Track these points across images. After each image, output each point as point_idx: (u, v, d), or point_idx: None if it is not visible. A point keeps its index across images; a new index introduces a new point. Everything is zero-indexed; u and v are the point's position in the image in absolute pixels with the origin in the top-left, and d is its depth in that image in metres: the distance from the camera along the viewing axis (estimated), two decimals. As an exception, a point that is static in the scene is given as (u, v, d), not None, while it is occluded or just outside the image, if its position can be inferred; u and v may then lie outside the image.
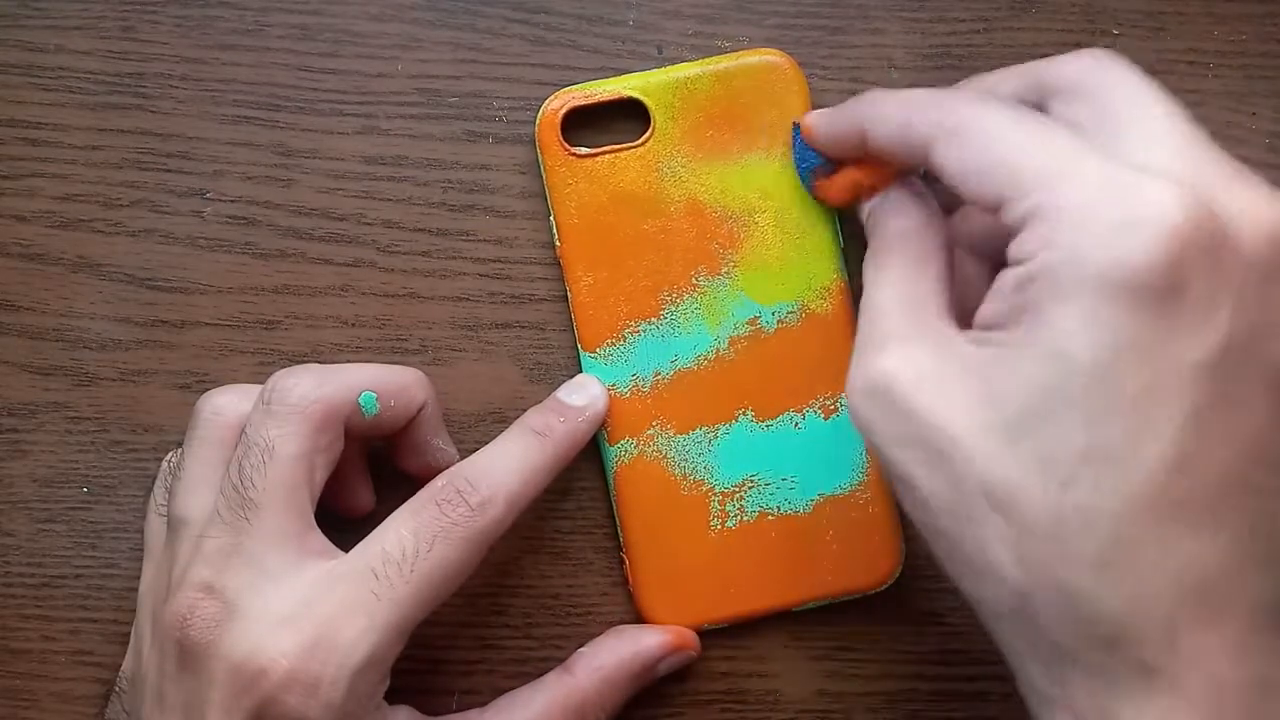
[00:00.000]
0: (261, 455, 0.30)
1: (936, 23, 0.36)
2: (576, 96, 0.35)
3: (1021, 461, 0.25)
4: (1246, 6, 0.36)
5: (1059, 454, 0.24)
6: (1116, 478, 0.24)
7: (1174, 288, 0.23)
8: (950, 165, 0.27)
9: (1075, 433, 0.24)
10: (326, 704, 0.28)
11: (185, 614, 0.29)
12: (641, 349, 0.34)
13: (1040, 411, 0.24)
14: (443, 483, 0.31)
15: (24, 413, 0.35)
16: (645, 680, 0.34)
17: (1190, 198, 0.24)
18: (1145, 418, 0.24)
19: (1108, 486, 0.24)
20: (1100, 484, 0.24)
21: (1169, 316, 0.24)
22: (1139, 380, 0.24)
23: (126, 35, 0.36)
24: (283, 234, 0.36)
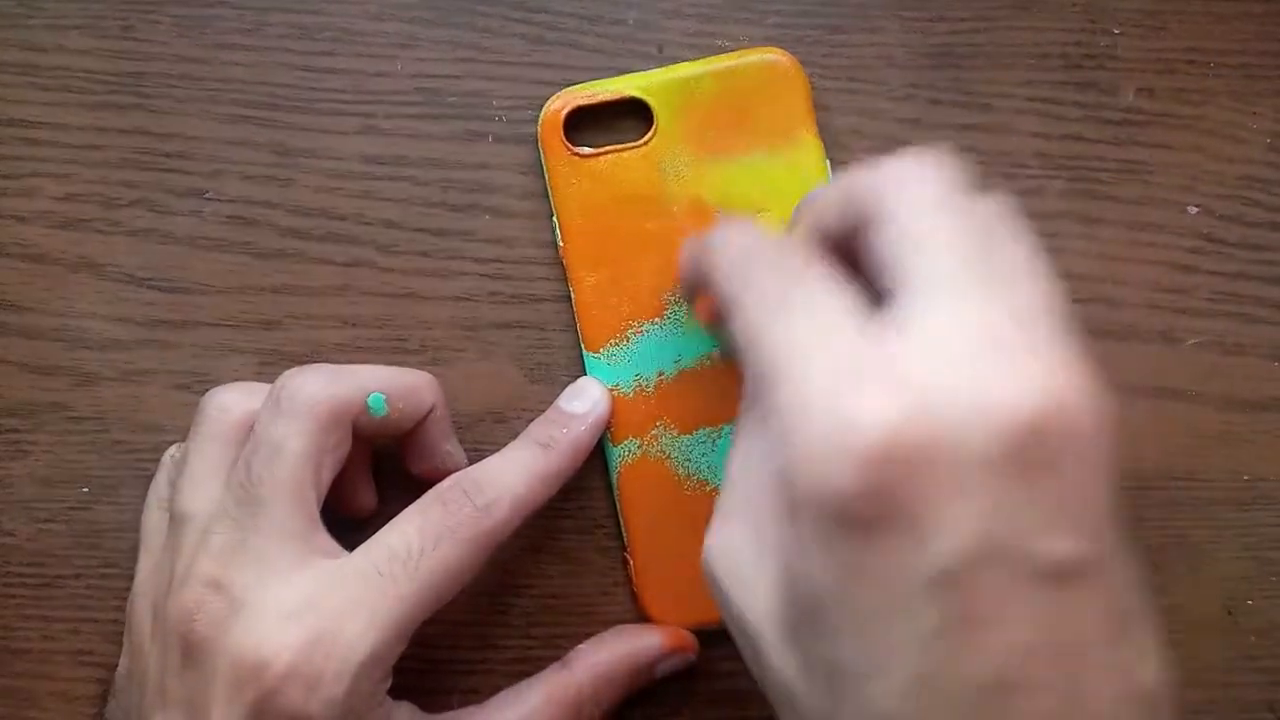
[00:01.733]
0: (270, 453, 0.30)
1: (937, 21, 0.36)
2: (579, 96, 0.35)
3: (798, 666, 0.24)
4: (1247, 6, 0.36)
5: (821, 666, 0.23)
6: (868, 697, 0.22)
7: (877, 513, 0.22)
8: (733, 332, 0.25)
9: (827, 649, 0.23)
10: (328, 700, 0.28)
11: (191, 609, 0.29)
12: (645, 349, 0.34)
13: (802, 622, 0.23)
14: (449, 484, 0.31)
15: (24, 413, 0.35)
16: (643, 680, 0.34)
17: (900, 412, 0.22)
18: (883, 639, 0.22)
19: (862, 705, 0.22)
20: (856, 701, 0.23)
21: (887, 538, 0.22)
22: (872, 602, 0.22)
23: (126, 35, 0.36)
24: (282, 234, 0.36)
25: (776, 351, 0.24)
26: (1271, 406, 0.36)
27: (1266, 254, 0.36)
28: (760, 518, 0.25)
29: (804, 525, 0.23)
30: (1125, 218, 0.36)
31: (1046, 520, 0.22)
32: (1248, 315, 0.36)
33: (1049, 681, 0.22)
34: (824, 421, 0.22)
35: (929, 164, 0.25)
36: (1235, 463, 0.36)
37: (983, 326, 0.23)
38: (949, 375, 0.22)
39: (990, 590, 0.22)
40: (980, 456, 0.22)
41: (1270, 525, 0.36)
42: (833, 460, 0.22)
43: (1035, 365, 0.22)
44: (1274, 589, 0.35)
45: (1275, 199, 0.36)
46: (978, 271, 0.23)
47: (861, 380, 0.22)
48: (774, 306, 0.24)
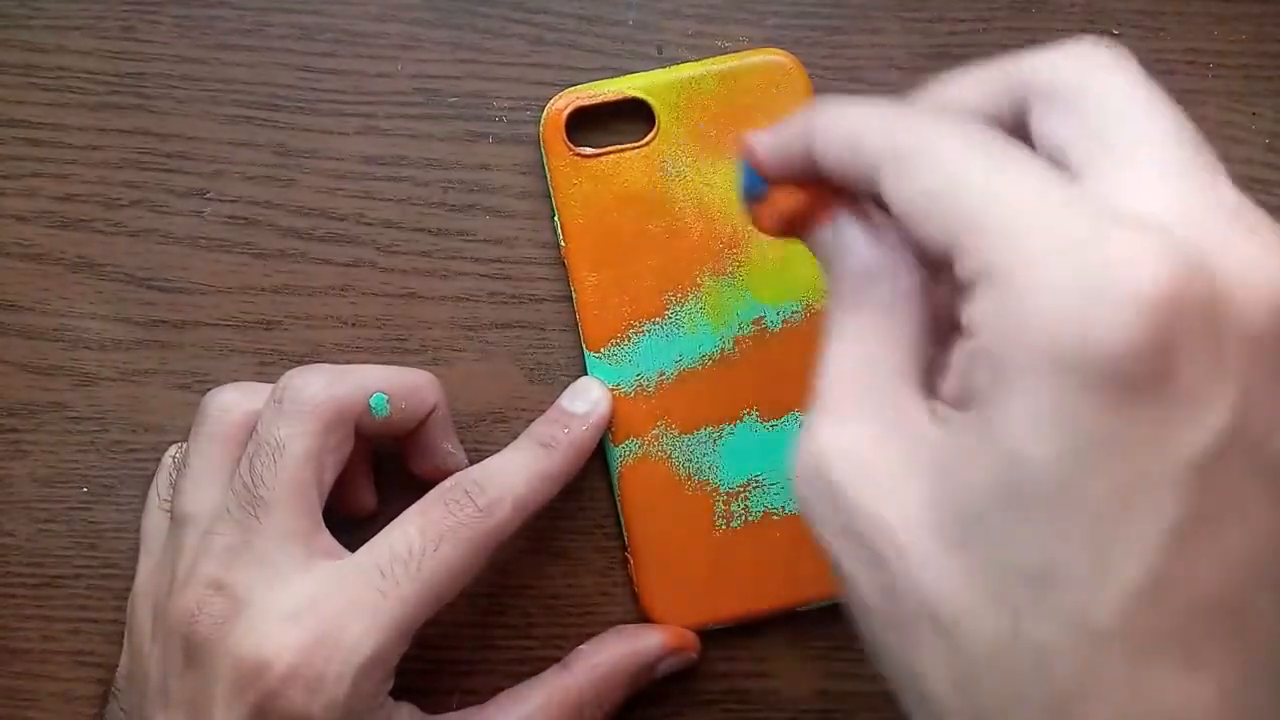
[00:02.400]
0: (272, 454, 0.30)
1: (937, 22, 0.36)
2: (581, 96, 0.35)
3: (969, 579, 0.20)
4: (1246, 6, 0.36)
5: (1012, 573, 0.20)
6: (1077, 607, 0.19)
7: (1154, 373, 0.19)
8: (896, 198, 0.22)
9: (1031, 550, 0.20)
10: (330, 701, 0.28)
11: (193, 610, 0.29)
12: (646, 349, 0.34)
13: (991, 521, 0.20)
14: (451, 484, 0.31)
15: (24, 413, 0.35)
16: (644, 680, 0.34)
17: (1178, 257, 0.19)
18: (1114, 534, 0.19)
19: (1066, 617, 0.19)
20: (1058, 613, 0.19)
21: (1148, 409, 0.19)
22: (1108, 488, 0.19)
23: (126, 35, 0.36)
24: (283, 234, 0.36)
25: (987, 205, 0.20)
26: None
27: (1266, 254, 0.36)
28: (889, 410, 0.22)
29: (1041, 389, 0.19)
30: (1125, 218, 0.36)
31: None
32: (1247, 315, 0.36)
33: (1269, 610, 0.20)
34: (1084, 268, 0.19)
35: (1120, 50, 0.23)
36: (1235, 463, 0.35)
37: (1221, 205, 0.21)
38: (1210, 237, 0.20)
39: (1236, 487, 0.19)
40: (1252, 328, 0.19)
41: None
42: (1104, 310, 0.19)
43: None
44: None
45: (1275, 199, 0.36)
46: (1204, 152, 0.21)
47: (1118, 226, 0.19)
48: (964, 161, 0.21)
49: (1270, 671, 0.20)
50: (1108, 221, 0.19)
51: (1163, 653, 0.19)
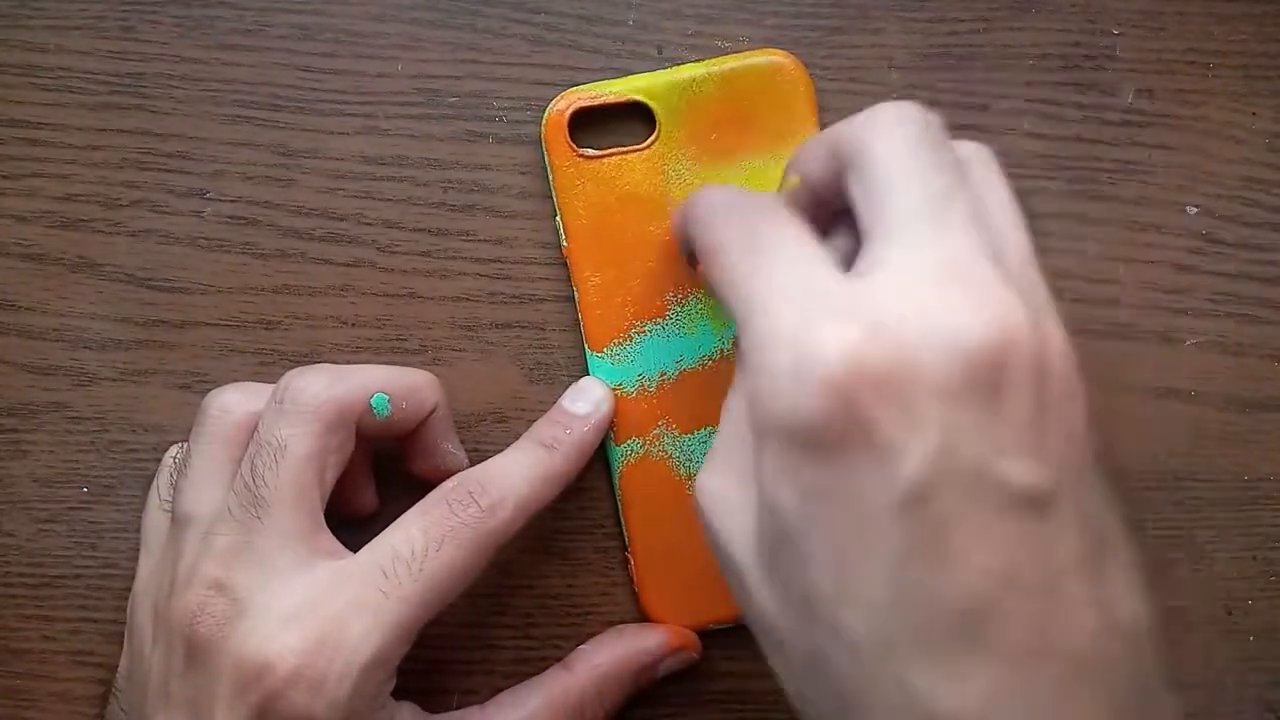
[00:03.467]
0: (274, 454, 0.30)
1: (936, 23, 0.36)
2: (583, 97, 0.35)
3: (777, 595, 0.24)
4: (1247, 6, 0.36)
5: (794, 594, 0.24)
6: (836, 624, 0.23)
7: (842, 435, 0.22)
8: (714, 284, 0.26)
9: (797, 577, 0.23)
10: (332, 701, 0.28)
11: (195, 610, 0.29)
12: (647, 349, 0.34)
13: (775, 551, 0.24)
14: (453, 484, 0.31)
15: (24, 413, 0.35)
16: (645, 680, 0.34)
17: (861, 338, 0.22)
18: (849, 563, 0.23)
19: (830, 632, 0.23)
20: (826, 629, 0.23)
21: (850, 461, 0.22)
22: (836, 527, 0.23)
23: (127, 35, 0.36)
24: (283, 234, 0.36)
25: (750, 293, 0.25)
26: (1272, 406, 0.36)
27: (1266, 254, 0.36)
28: (744, 456, 0.26)
29: (771, 453, 0.23)
30: (1125, 218, 0.36)
31: (1007, 446, 0.22)
32: (1248, 315, 0.36)
33: (1022, 612, 0.22)
34: (789, 351, 0.23)
35: (906, 110, 0.26)
36: (1235, 463, 0.36)
37: (948, 259, 0.24)
38: (911, 304, 0.23)
39: (957, 514, 0.22)
40: (940, 381, 0.22)
41: (1271, 525, 0.36)
42: (796, 385, 0.23)
43: (996, 296, 0.23)
44: (1274, 589, 0.35)
45: (1275, 199, 0.36)
46: (948, 207, 0.24)
47: (827, 312, 0.23)
48: (747, 252, 0.25)
49: (1035, 672, 0.22)
50: (822, 311, 0.23)
51: (921, 660, 0.22)
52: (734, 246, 0.26)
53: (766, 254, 0.25)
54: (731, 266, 0.26)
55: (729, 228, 0.27)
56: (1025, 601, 0.22)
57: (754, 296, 0.25)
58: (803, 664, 0.24)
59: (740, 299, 0.25)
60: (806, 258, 0.25)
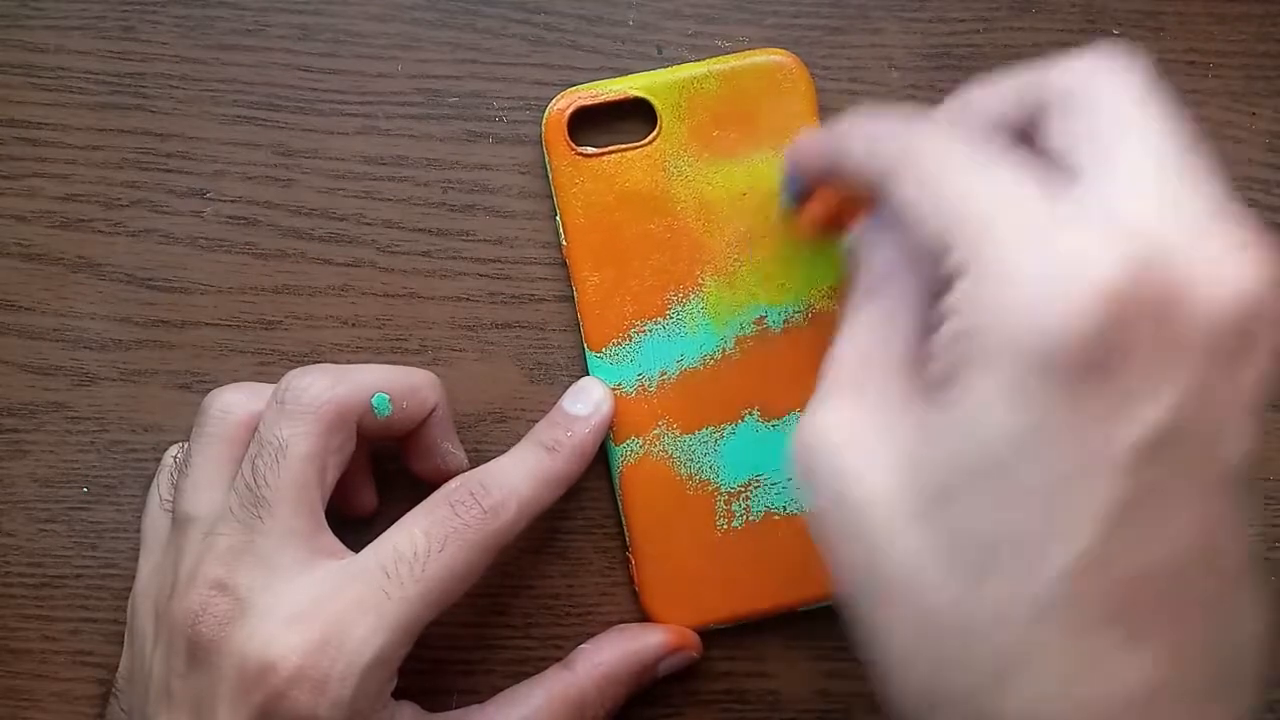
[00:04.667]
0: (275, 454, 0.30)
1: (936, 23, 0.36)
2: (583, 96, 0.35)
3: (934, 546, 0.22)
4: (1247, 6, 0.36)
5: (969, 541, 0.22)
6: (1024, 575, 0.21)
7: (1105, 361, 0.20)
8: (900, 204, 0.24)
9: (985, 520, 0.21)
10: (335, 701, 0.28)
11: (197, 611, 0.29)
12: (648, 348, 0.34)
13: (955, 491, 0.22)
14: (456, 485, 0.31)
15: (24, 413, 0.35)
16: (646, 679, 0.34)
17: (1137, 254, 0.21)
18: (1061, 509, 0.21)
19: (1012, 586, 0.21)
20: (1008, 580, 0.21)
21: (1099, 394, 0.21)
22: (1059, 465, 0.21)
23: (126, 35, 0.36)
24: (283, 234, 0.36)
25: (970, 203, 0.23)
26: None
27: (1266, 254, 0.36)
28: (881, 394, 0.24)
29: (1004, 372, 0.21)
30: (1125, 218, 0.36)
31: (1234, 416, 0.21)
32: (1247, 315, 0.36)
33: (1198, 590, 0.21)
34: (1056, 258, 0.21)
35: (1129, 59, 0.24)
36: (1235, 463, 0.36)
37: (1207, 205, 0.22)
38: (1181, 236, 0.21)
39: (1182, 473, 0.21)
40: (1208, 325, 0.21)
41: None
42: (1066, 296, 0.20)
43: (1260, 253, 0.22)
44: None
45: (1274, 199, 0.36)
46: (1193, 155, 0.23)
47: (1085, 223, 0.21)
48: (957, 166, 0.23)
49: (1207, 654, 0.21)
50: (1075, 218, 0.21)
51: (1102, 626, 0.21)
52: (938, 162, 0.24)
53: (984, 168, 0.23)
54: (937, 180, 0.23)
55: (923, 145, 0.24)
56: (1204, 579, 0.21)
57: (979, 207, 0.22)
58: (949, 623, 0.22)
59: (956, 211, 0.23)
60: (1029, 175, 0.23)
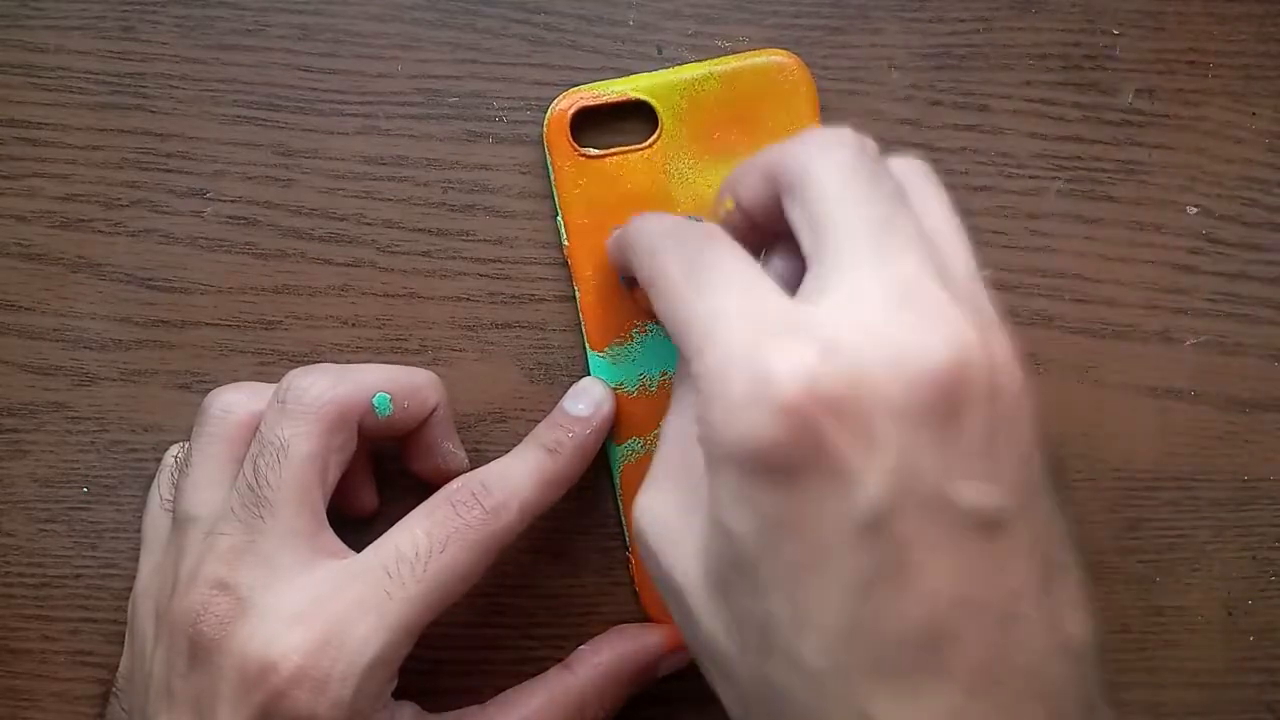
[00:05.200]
0: (276, 454, 0.30)
1: (936, 22, 0.36)
2: (585, 96, 0.35)
3: (726, 626, 0.24)
4: (1247, 6, 0.36)
5: (748, 623, 0.23)
6: (794, 652, 0.23)
7: (801, 460, 0.22)
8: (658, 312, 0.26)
9: (753, 605, 0.23)
10: (335, 701, 0.28)
11: (198, 610, 0.29)
12: (649, 348, 0.34)
13: (726, 578, 0.24)
14: (458, 485, 0.31)
15: (24, 413, 0.35)
16: (646, 679, 0.34)
17: (813, 358, 0.22)
18: (807, 590, 0.22)
19: (787, 660, 0.23)
20: (782, 657, 0.23)
21: (808, 487, 0.22)
22: (793, 554, 0.22)
23: (126, 35, 0.36)
24: (283, 234, 0.36)
25: (696, 319, 0.24)
26: (1271, 407, 0.36)
27: (1266, 254, 0.36)
28: (691, 479, 0.26)
29: (728, 479, 0.23)
30: (1125, 218, 0.36)
31: (964, 468, 0.22)
32: (1247, 315, 0.36)
33: (978, 633, 0.22)
34: (743, 376, 0.23)
35: (840, 136, 0.26)
36: (1235, 463, 0.36)
37: (896, 282, 0.23)
38: (865, 328, 0.23)
39: (916, 538, 0.22)
40: (897, 405, 0.22)
41: (1270, 526, 0.36)
42: (752, 411, 0.22)
43: (946, 317, 0.23)
44: (1274, 590, 0.36)
45: (1274, 199, 0.36)
46: (890, 230, 0.24)
47: (780, 336, 0.23)
48: (690, 278, 0.25)
49: (990, 695, 0.22)
50: (774, 334, 0.23)
51: (880, 684, 0.22)
52: (677, 273, 0.26)
53: (711, 279, 0.25)
54: (675, 293, 0.25)
55: (669, 254, 0.26)
56: (981, 624, 0.22)
57: (701, 322, 0.24)
58: (753, 693, 0.24)
59: (686, 326, 0.25)
60: (751, 282, 0.25)
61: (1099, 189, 0.36)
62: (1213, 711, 0.35)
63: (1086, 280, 0.36)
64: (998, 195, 0.36)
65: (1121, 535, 0.35)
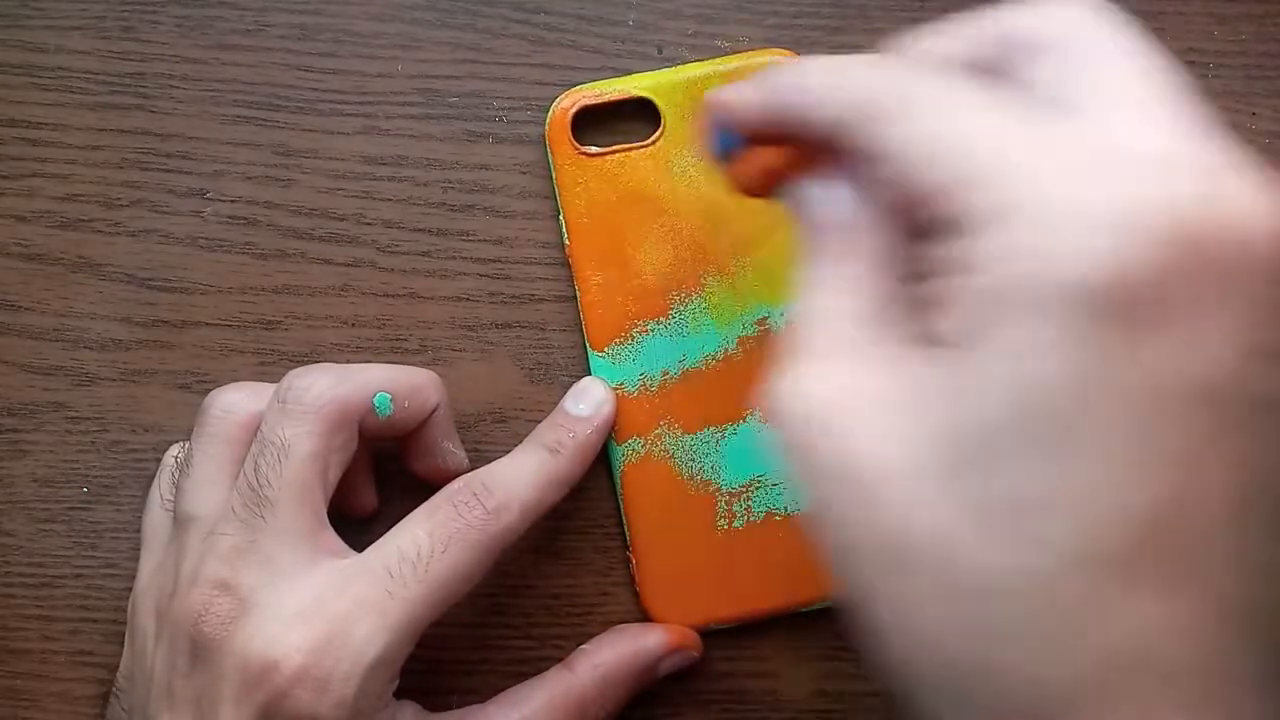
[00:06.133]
0: (277, 454, 0.30)
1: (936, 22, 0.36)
2: (587, 95, 0.35)
3: (965, 512, 0.20)
4: (1247, 6, 0.36)
5: (1011, 504, 0.20)
6: (1082, 531, 0.19)
7: (1168, 298, 0.19)
8: (891, 147, 0.22)
9: (1032, 478, 0.20)
10: (337, 701, 0.28)
11: (200, 610, 0.29)
12: (650, 348, 0.34)
13: (991, 451, 0.20)
14: (459, 486, 0.31)
15: (24, 413, 0.35)
16: (646, 679, 0.34)
17: (1187, 187, 0.20)
18: (1123, 460, 0.19)
19: (1070, 541, 0.19)
20: (1060, 538, 0.20)
21: (1163, 333, 0.19)
22: (1124, 410, 0.19)
23: (127, 35, 0.36)
24: (283, 234, 0.36)
25: (983, 144, 0.21)
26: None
27: (1266, 254, 0.36)
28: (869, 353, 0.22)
29: (1049, 318, 0.19)
30: (1125, 218, 0.36)
31: None
32: (1247, 315, 0.36)
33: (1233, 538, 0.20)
34: (1102, 199, 0.19)
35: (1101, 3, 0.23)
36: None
37: (1215, 141, 0.21)
38: (1216, 175, 0.20)
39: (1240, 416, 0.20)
40: (1263, 263, 0.20)
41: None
42: (1119, 236, 0.19)
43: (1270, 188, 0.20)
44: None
45: (1275, 199, 0.36)
46: (1185, 92, 0.22)
47: (1123, 162, 0.20)
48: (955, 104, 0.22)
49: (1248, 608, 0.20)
50: (1111, 158, 0.20)
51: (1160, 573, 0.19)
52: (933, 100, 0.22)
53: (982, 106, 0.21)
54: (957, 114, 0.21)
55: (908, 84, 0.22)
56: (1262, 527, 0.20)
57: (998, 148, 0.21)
58: (982, 588, 0.20)
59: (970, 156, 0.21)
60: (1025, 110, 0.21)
61: (1099, 189, 0.36)
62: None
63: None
64: (998, 195, 0.36)
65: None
